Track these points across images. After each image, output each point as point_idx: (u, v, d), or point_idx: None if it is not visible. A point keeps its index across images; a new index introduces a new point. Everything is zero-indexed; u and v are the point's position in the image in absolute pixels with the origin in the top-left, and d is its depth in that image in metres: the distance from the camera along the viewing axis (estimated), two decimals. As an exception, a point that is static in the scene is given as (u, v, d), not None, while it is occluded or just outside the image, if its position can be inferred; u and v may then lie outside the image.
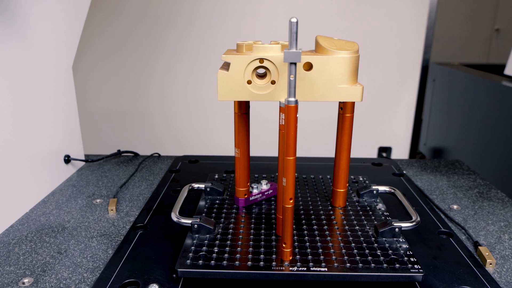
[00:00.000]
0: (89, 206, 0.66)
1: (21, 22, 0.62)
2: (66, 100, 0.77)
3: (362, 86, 0.46)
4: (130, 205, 0.67)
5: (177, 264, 0.45)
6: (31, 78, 0.65)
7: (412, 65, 1.63)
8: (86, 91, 1.52)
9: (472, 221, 0.62)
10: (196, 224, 0.50)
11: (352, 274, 0.44)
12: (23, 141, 0.64)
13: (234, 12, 1.47)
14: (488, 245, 0.56)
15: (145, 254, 0.52)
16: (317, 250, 0.48)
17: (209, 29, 1.49)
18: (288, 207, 0.44)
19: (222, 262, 0.45)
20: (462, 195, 0.71)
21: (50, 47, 0.70)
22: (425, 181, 0.76)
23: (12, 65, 0.61)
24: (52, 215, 0.63)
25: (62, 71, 0.75)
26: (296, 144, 0.42)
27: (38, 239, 0.57)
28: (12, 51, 0.61)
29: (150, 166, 0.83)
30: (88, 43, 1.46)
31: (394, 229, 0.50)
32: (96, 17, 1.47)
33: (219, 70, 0.45)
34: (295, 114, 0.41)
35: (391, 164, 0.82)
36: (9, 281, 0.48)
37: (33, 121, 0.66)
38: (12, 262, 0.52)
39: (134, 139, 1.62)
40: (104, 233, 0.59)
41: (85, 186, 0.73)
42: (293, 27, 0.38)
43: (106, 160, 0.86)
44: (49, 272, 0.50)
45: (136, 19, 1.48)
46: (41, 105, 0.69)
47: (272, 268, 0.44)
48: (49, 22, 0.69)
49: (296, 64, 0.44)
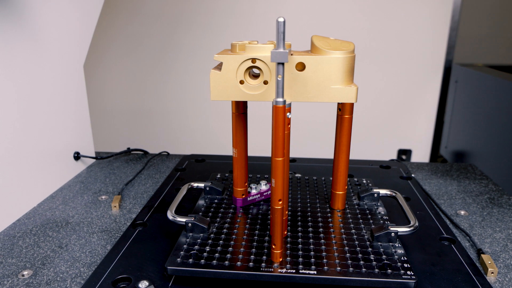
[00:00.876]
0: (94, 202, 0.68)
1: (32, 21, 0.64)
2: (77, 98, 0.79)
3: (356, 87, 0.45)
4: (133, 203, 0.68)
5: (167, 262, 0.46)
6: (42, 76, 0.68)
7: (434, 66, 1.59)
8: (104, 90, 1.56)
9: (479, 227, 0.60)
10: (190, 223, 0.51)
11: (342, 278, 0.43)
12: (32, 137, 0.66)
13: (252, 12, 1.48)
14: (492, 253, 0.54)
15: (141, 251, 0.52)
16: (308, 253, 0.47)
17: (225, 29, 1.50)
18: (277, 208, 0.43)
19: (212, 262, 0.46)
20: (472, 201, 0.69)
21: (61, 47, 0.72)
22: (434, 185, 0.74)
23: (23, 64, 0.63)
24: (58, 210, 0.65)
25: (73, 69, 0.77)
26: (284, 145, 0.41)
27: (42, 233, 0.58)
28: (22, 50, 0.63)
29: (157, 165, 0.84)
30: (107, 43, 1.50)
31: (390, 234, 0.49)
32: (116, 17, 1.50)
33: (211, 70, 0.46)
34: (283, 114, 0.40)
35: (400, 167, 0.80)
36: (10, 272, 0.50)
37: (43, 118, 0.68)
38: (14, 255, 0.53)
39: (150, 138, 1.65)
40: (105, 229, 0.60)
41: (93, 182, 0.75)
42: (280, 27, 0.38)
43: (115, 157, 0.88)
44: (48, 265, 0.51)
45: (153, 20, 1.50)
46: (52, 103, 0.71)
47: (261, 269, 0.44)
48: (61, 22, 0.71)
49: (288, 64, 0.44)
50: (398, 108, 1.62)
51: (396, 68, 1.54)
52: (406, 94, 1.60)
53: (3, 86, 0.59)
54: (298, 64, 0.45)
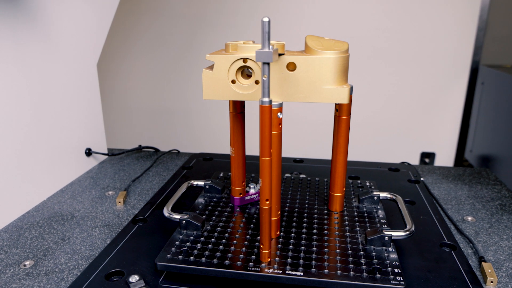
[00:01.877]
0: (101, 197, 0.70)
1: (46, 22, 0.67)
2: (90, 96, 0.81)
3: (349, 87, 0.44)
4: (138, 199, 0.69)
5: (157, 257, 0.47)
6: (55, 74, 0.70)
7: (460, 67, 1.54)
8: (126, 88, 1.60)
9: (485, 234, 0.58)
10: (184, 220, 0.51)
11: (328, 281, 0.43)
12: (45, 133, 0.69)
13: (277, 11, 1.48)
14: (496, 261, 0.52)
15: (137, 246, 0.54)
16: (298, 254, 0.47)
17: (246, 29, 1.51)
18: (264, 208, 0.43)
19: (201, 259, 0.46)
20: (481, 207, 0.66)
21: (75, 46, 0.75)
22: (443, 190, 0.72)
23: (36, 62, 0.65)
24: (65, 204, 0.67)
25: (87, 68, 0.79)
26: (270, 145, 0.41)
27: (47, 226, 0.61)
28: (36, 49, 0.65)
29: (167, 162, 0.86)
30: (131, 42, 1.53)
31: (384, 238, 0.48)
32: (139, 17, 1.54)
33: (203, 70, 0.46)
34: (269, 114, 0.40)
35: (409, 170, 0.78)
36: (13, 262, 0.52)
37: (55, 115, 0.71)
38: (19, 245, 0.56)
39: (168, 136, 1.68)
40: (107, 223, 0.61)
41: (102, 178, 0.77)
42: (265, 27, 0.38)
43: (127, 154, 0.90)
44: (49, 256, 0.53)
45: (174, 20, 1.53)
46: (64, 100, 0.73)
47: (248, 269, 0.44)
48: (75, 23, 0.74)
49: (279, 64, 0.44)
50: (422, 110, 1.58)
51: (420, 69, 1.51)
52: (430, 95, 1.56)
53: (17, 84, 0.62)
54: (289, 64, 0.44)
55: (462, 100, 1.59)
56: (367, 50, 1.48)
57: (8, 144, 0.61)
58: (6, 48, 0.59)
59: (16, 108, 0.62)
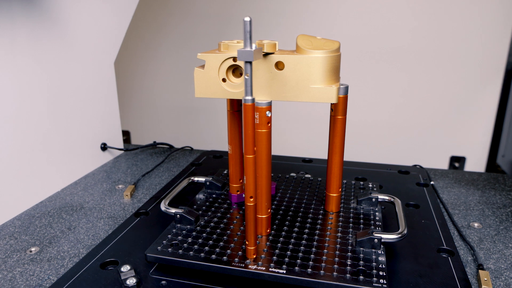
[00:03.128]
0: (111, 190, 0.73)
1: (63, 21, 0.70)
2: (107, 93, 0.85)
3: (337, 87, 0.44)
4: (145, 193, 0.72)
5: (148, 249, 0.48)
6: (73, 72, 0.74)
7: (494, 68, 1.48)
8: (154, 87, 1.64)
9: (490, 242, 0.56)
10: (178, 214, 0.53)
11: (309, 280, 0.43)
12: (62, 128, 0.72)
13: (306, 10, 1.48)
14: (496, 269, 0.50)
15: (135, 238, 0.56)
16: (285, 252, 0.47)
17: (273, 29, 1.52)
18: (248, 205, 0.44)
19: (189, 253, 0.47)
20: (491, 213, 0.64)
21: (92, 45, 0.78)
22: (454, 194, 0.70)
23: (54, 60, 0.69)
24: (77, 195, 0.71)
25: (104, 67, 0.83)
26: (254, 143, 0.42)
27: (57, 215, 0.64)
28: (53, 47, 0.69)
29: (178, 159, 0.88)
30: (159, 41, 1.58)
31: (373, 240, 0.47)
32: (168, 17, 1.58)
33: (195, 68, 0.47)
34: (252, 112, 0.41)
35: (420, 173, 0.76)
36: (20, 248, 0.55)
37: (72, 111, 0.75)
38: (29, 232, 0.59)
39: (197, 133, 1.71)
40: (112, 215, 0.64)
41: (115, 172, 0.80)
42: (247, 26, 0.38)
43: (142, 150, 0.93)
44: (54, 244, 0.56)
45: (202, 19, 1.56)
46: (81, 97, 0.77)
47: (232, 264, 0.45)
48: (93, 23, 0.77)
49: (268, 63, 0.45)
50: (452, 112, 1.53)
51: (451, 69, 1.46)
52: (462, 97, 1.51)
53: (36, 81, 0.65)
54: (277, 63, 0.45)
55: (496, 102, 1.53)
56: (398, 51, 1.45)
57: (27, 137, 0.65)
58: (26, 46, 0.63)
59: (35, 103, 0.66)
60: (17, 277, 0.49)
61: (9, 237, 0.58)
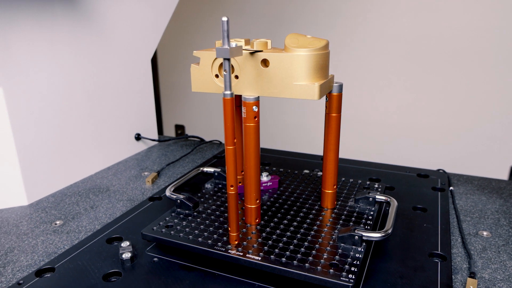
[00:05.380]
0: (137, 176, 0.79)
1: (102, 21, 0.78)
2: (143, 87, 0.92)
3: (319, 84, 0.45)
4: (166, 181, 0.77)
5: (144, 228, 0.53)
6: (111, 68, 0.81)
7: None
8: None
9: (494, 251, 0.53)
10: (179, 200, 0.57)
11: (281, 269, 0.44)
12: (100, 118, 0.80)
13: (360, 11, 1.47)
14: (490, 279, 0.48)
15: (143, 219, 0.61)
16: (266, 241, 0.49)
17: (328, 29, 1.52)
18: (230, 193, 0.47)
19: (179, 234, 0.51)
20: (506, 223, 0.60)
21: (130, 43, 0.86)
22: (471, 201, 0.67)
23: (93, 59, 0.77)
24: (106, 179, 0.78)
25: (141, 63, 0.90)
26: (234, 134, 0.45)
27: (85, 195, 0.71)
28: (93, 45, 0.77)
29: (205, 151, 0.93)
30: (212, 41, 1.66)
31: (354, 237, 0.48)
32: (220, 17, 1.65)
33: (192, 65, 0.51)
34: (231, 106, 0.44)
35: (440, 177, 0.74)
36: (48, 220, 0.63)
37: (109, 103, 0.82)
38: (58, 208, 0.67)
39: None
40: (131, 198, 0.70)
41: (145, 161, 0.87)
42: (224, 26, 0.41)
43: (175, 141, 0.99)
44: (76, 219, 0.63)
45: (255, 19, 1.62)
46: (118, 90, 0.84)
47: (214, 248, 0.48)
48: (130, 23, 0.84)
49: (255, 61, 0.47)
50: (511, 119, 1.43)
51: (508, 70, 1.36)
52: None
53: (77, 76, 0.74)
54: (263, 60, 0.47)
55: None
56: (462, 53, 1.40)
57: (68, 125, 0.73)
58: (66, 45, 0.71)
59: (77, 96, 0.74)
60: (38, 244, 0.56)
61: (41, 211, 0.66)
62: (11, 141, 0.65)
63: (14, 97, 0.64)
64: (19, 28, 0.64)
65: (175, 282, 0.47)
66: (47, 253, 0.54)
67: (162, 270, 0.49)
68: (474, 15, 1.35)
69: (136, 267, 0.49)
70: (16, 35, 0.63)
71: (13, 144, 0.65)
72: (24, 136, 0.66)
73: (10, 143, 0.65)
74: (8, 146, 0.65)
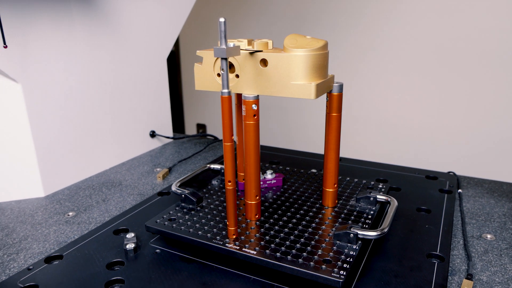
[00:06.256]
0: (149, 172, 0.82)
1: (119, 22, 0.81)
2: (159, 86, 0.95)
3: (315, 83, 0.46)
4: (177, 177, 0.79)
5: (148, 220, 0.55)
6: (127, 68, 0.85)
7: None
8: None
9: (495, 254, 0.53)
10: (183, 194, 0.59)
11: (274, 263, 0.46)
12: (116, 115, 0.83)
13: (390, 12, 1.47)
14: (487, 282, 0.48)
15: (150, 213, 0.63)
16: (264, 237, 0.50)
17: (349, 29, 1.52)
18: (228, 189, 0.48)
19: (181, 227, 0.53)
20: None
21: (147, 44, 0.89)
22: (479, 204, 0.66)
23: (110, 58, 0.80)
24: (120, 174, 0.81)
25: (157, 63, 0.93)
26: (231, 131, 0.46)
27: (98, 189, 0.75)
28: (109, 45, 0.80)
29: (218, 149, 0.95)
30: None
31: (349, 234, 0.48)
32: (245, 16, 1.67)
33: (195, 64, 0.53)
34: (228, 104, 0.45)
35: (449, 179, 0.73)
36: (62, 211, 0.66)
37: (125, 101, 0.86)
38: (72, 200, 0.70)
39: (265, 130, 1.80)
40: (142, 193, 0.73)
41: (159, 157, 0.90)
42: (221, 26, 0.42)
43: (189, 139, 1.01)
44: (88, 211, 0.66)
45: (276, 19, 1.63)
46: (135, 88, 0.87)
47: (213, 241, 0.50)
48: (147, 24, 0.87)
49: (254, 60, 0.49)
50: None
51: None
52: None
53: (95, 75, 0.77)
54: (261, 60, 0.48)
55: None
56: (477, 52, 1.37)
57: (85, 122, 0.77)
58: (84, 44, 0.75)
59: (93, 94, 0.78)
60: (50, 233, 0.60)
61: (56, 202, 0.69)
62: (30, 137, 0.68)
63: (33, 94, 0.68)
64: (37, 28, 0.67)
65: (174, 272, 0.49)
66: (58, 242, 0.57)
67: (163, 261, 0.51)
68: (496, 13, 1.32)
69: (139, 258, 0.52)
70: (35, 35, 0.67)
71: (31, 139, 0.68)
72: (41, 132, 0.70)
73: (29, 138, 0.68)
74: (27, 142, 0.68)
